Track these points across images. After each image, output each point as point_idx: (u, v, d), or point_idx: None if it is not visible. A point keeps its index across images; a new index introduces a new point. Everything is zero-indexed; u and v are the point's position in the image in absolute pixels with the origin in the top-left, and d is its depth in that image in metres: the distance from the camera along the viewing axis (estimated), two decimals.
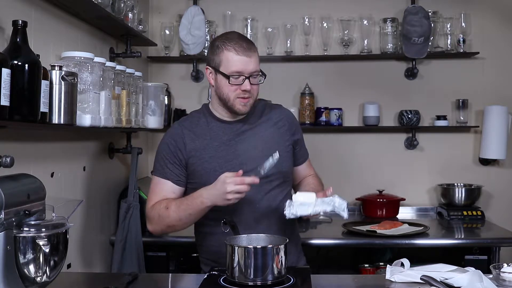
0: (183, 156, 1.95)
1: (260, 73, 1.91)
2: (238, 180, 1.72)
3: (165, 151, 1.99)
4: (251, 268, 1.57)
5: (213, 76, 1.95)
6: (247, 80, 1.87)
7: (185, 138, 1.97)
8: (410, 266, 1.78)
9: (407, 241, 2.77)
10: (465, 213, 3.20)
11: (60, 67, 1.77)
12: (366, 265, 2.92)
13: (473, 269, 1.68)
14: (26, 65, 1.55)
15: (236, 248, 1.60)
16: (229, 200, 1.74)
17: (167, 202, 1.90)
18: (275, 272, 1.59)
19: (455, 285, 1.62)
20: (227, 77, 1.88)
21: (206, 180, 1.88)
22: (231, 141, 1.95)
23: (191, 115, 2.08)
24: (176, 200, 1.90)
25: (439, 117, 3.40)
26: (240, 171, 1.75)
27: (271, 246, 1.62)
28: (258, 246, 1.62)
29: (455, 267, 1.73)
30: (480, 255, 2.79)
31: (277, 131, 2.00)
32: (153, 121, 2.83)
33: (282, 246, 1.62)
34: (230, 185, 1.72)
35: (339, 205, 1.76)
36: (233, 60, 1.87)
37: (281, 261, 1.60)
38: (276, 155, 1.76)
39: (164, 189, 1.96)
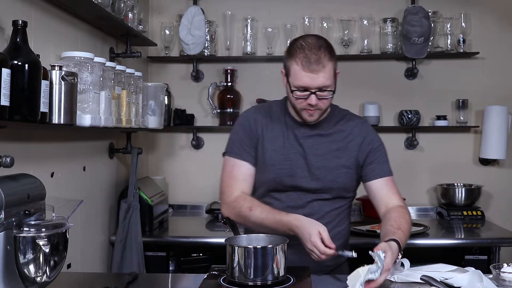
0: (256, 138, 1.94)
1: (331, 88, 1.82)
2: (321, 250, 1.69)
3: (241, 132, 1.96)
4: (251, 268, 1.57)
5: (284, 79, 1.90)
6: (313, 95, 1.80)
7: (258, 123, 1.95)
8: (410, 266, 1.78)
9: (407, 241, 2.76)
10: (465, 213, 3.20)
11: (60, 67, 1.77)
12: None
13: (473, 269, 1.68)
14: (26, 65, 1.55)
15: (236, 248, 1.60)
16: (306, 247, 1.73)
17: (251, 202, 1.87)
18: (275, 272, 1.59)
19: (455, 285, 1.62)
20: (292, 90, 1.84)
21: (263, 170, 1.91)
22: (297, 142, 1.93)
23: (269, 104, 2.06)
24: (262, 206, 1.86)
25: (439, 117, 3.40)
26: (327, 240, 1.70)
27: (271, 246, 1.61)
28: (258, 246, 1.62)
29: (455, 267, 1.73)
30: (480, 255, 2.79)
31: (345, 145, 1.94)
32: (153, 121, 2.83)
33: (281, 246, 1.61)
34: (311, 246, 1.70)
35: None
36: (300, 75, 1.80)
37: (281, 261, 1.60)
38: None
39: (242, 172, 1.93)
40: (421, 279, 1.63)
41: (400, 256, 1.71)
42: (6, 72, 1.45)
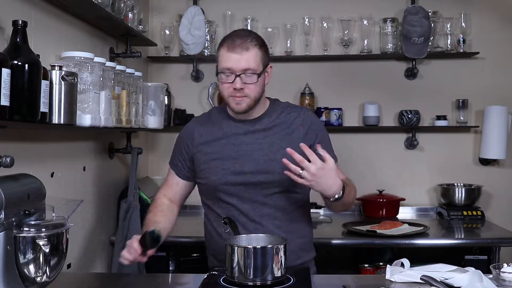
0: (189, 150, 1.98)
1: (256, 72, 1.82)
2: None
3: (176, 144, 2.06)
4: (250, 268, 1.57)
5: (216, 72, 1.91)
6: (237, 78, 1.81)
7: (195, 132, 1.99)
8: (410, 266, 1.78)
9: (407, 241, 2.77)
10: (465, 213, 3.20)
11: (60, 67, 1.77)
12: (366, 265, 2.92)
13: (473, 269, 1.68)
14: (26, 65, 1.55)
15: (236, 248, 1.60)
16: None
17: (156, 207, 2.01)
18: (275, 272, 1.59)
19: (455, 285, 1.62)
20: (218, 74, 1.86)
21: (209, 175, 1.92)
22: (238, 140, 1.92)
23: (210, 111, 2.11)
24: (155, 212, 1.98)
25: (439, 117, 3.40)
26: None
27: (270, 246, 1.61)
28: (257, 246, 1.62)
29: (455, 267, 1.73)
30: (480, 255, 2.79)
31: (288, 136, 1.91)
32: (153, 121, 2.83)
33: (281, 246, 1.61)
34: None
35: None
36: (225, 56, 1.83)
37: (281, 261, 1.60)
38: None
39: (170, 179, 2.07)
40: (421, 279, 1.63)
41: (340, 193, 1.75)
42: (6, 72, 1.45)
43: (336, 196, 1.75)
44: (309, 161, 1.68)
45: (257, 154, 1.90)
